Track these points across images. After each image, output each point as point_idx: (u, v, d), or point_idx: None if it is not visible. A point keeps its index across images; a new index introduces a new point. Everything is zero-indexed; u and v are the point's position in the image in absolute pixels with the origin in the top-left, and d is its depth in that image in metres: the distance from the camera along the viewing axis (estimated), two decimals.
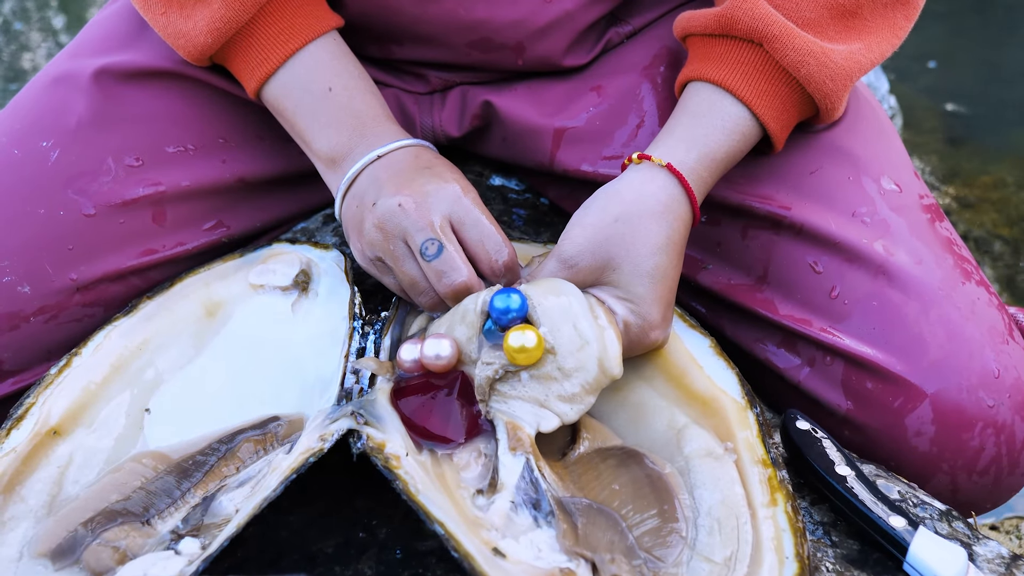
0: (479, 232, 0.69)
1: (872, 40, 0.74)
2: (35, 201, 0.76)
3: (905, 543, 0.62)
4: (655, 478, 0.64)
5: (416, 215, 0.68)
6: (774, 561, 0.58)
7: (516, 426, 0.63)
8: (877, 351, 0.72)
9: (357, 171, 0.73)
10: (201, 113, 0.81)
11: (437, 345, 0.66)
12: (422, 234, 0.68)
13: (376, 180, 0.71)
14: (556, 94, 0.85)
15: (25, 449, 0.65)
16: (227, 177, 0.81)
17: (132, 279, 0.78)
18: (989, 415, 0.71)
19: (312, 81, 0.75)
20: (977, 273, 0.76)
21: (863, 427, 0.73)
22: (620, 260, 0.67)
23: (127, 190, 0.77)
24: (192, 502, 0.64)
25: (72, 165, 0.77)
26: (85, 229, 0.76)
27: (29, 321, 0.75)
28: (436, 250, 0.67)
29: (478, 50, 0.82)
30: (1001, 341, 0.73)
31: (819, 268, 0.75)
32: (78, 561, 0.61)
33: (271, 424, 0.68)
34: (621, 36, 0.86)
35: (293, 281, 0.77)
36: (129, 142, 0.78)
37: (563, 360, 0.64)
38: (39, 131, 0.78)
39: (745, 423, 0.66)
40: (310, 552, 0.63)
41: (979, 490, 0.73)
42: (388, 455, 0.60)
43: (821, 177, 0.77)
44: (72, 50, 0.82)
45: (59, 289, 0.75)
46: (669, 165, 0.68)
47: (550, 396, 0.65)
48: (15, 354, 0.75)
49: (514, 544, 0.58)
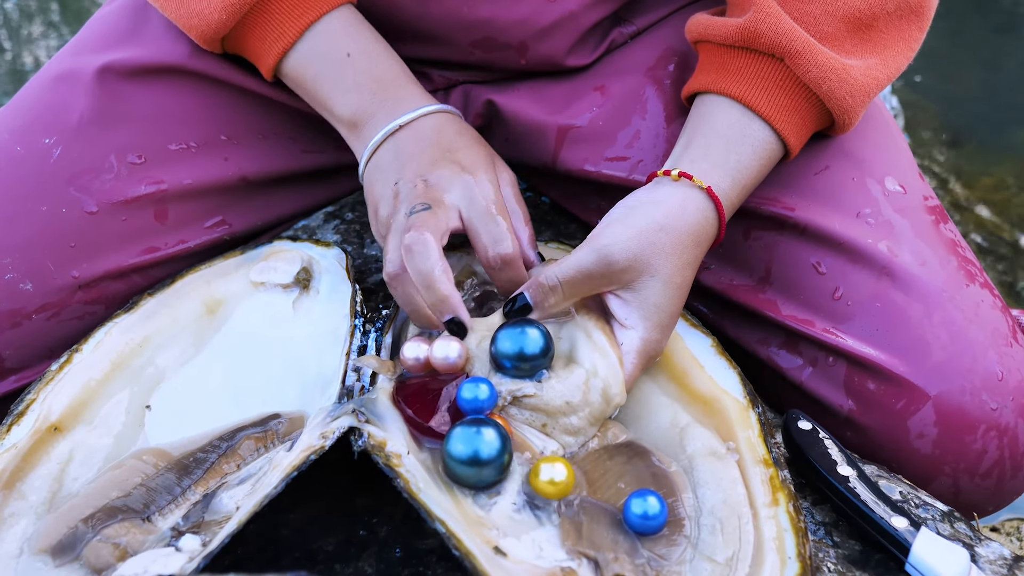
0: (484, 224, 0.69)
1: (888, 54, 0.74)
2: (37, 198, 0.76)
3: (907, 544, 0.62)
4: (660, 476, 0.63)
5: (425, 213, 0.68)
6: (776, 561, 0.58)
7: (524, 442, 0.64)
8: (880, 352, 0.72)
9: (380, 140, 0.73)
10: (203, 110, 0.80)
11: (446, 347, 0.66)
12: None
13: (397, 156, 0.72)
14: (559, 93, 0.85)
15: (26, 445, 0.65)
16: (229, 175, 0.81)
17: (134, 277, 0.78)
18: (992, 418, 0.70)
19: (331, 49, 0.74)
20: (981, 275, 0.76)
21: (865, 428, 0.73)
22: (657, 268, 0.66)
23: (129, 188, 0.77)
24: (193, 499, 0.64)
25: (74, 162, 0.77)
26: (87, 226, 0.76)
27: (31, 318, 0.75)
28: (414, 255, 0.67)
29: (481, 49, 0.82)
30: (1005, 344, 0.72)
31: (822, 269, 0.75)
32: (78, 557, 0.61)
33: (272, 422, 0.68)
34: (625, 36, 0.86)
35: (294, 279, 0.76)
36: (131, 139, 0.78)
37: (570, 396, 0.65)
38: (41, 128, 0.77)
39: (747, 423, 0.66)
40: (311, 550, 0.63)
41: (981, 493, 0.73)
42: (389, 453, 0.59)
43: (826, 178, 0.77)
44: (74, 47, 0.82)
45: (61, 286, 0.75)
46: (709, 189, 0.69)
47: (556, 428, 0.65)
48: (17, 351, 0.75)
49: (515, 543, 0.58)
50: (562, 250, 0.79)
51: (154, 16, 0.81)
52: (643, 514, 0.60)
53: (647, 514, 0.60)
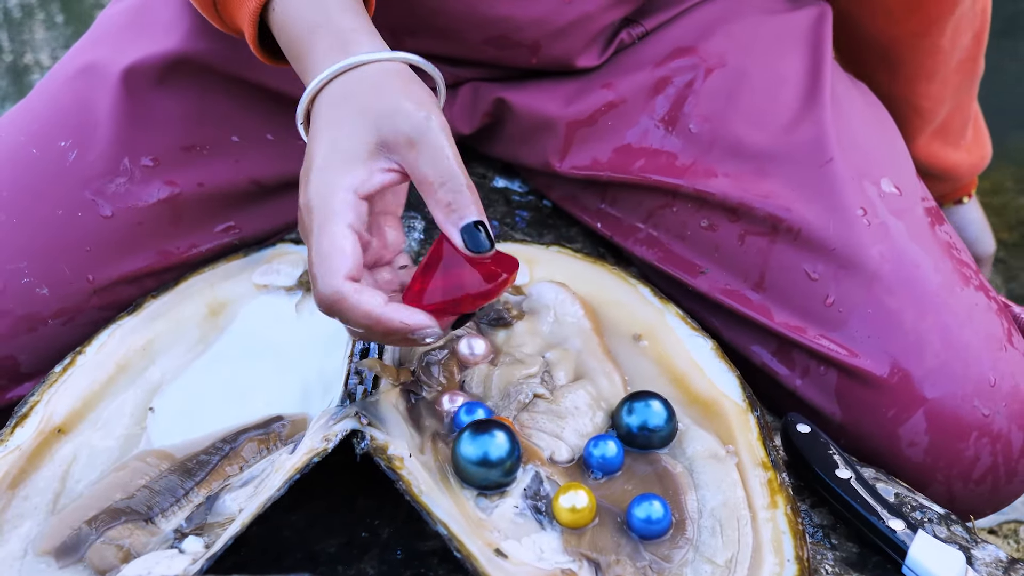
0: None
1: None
2: (54, 202, 0.75)
3: (904, 546, 0.62)
4: (665, 476, 0.64)
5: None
6: (774, 563, 0.59)
7: (532, 449, 0.64)
8: (871, 360, 0.72)
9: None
10: (214, 113, 0.80)
11: (472, 344, 0.69)
12: None
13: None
14: (568, 91, 0.85)
15: (30, 447, 0.66)
16: (240, 178, 0.81)
17: (147, 281, 0.78)
18: (984, 424, 0.70)
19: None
20: (976, 278, 0.76)
21: (858, 437, 0.73)
22: None
23: (144, 191, 0.77)
24: (196, 501, 0.64)
25: (90, 166, 0.76)
26: (103, 231, 0.76)
27: (47, 323, 0.75)
28: None
29: (493, 47, 0.81)
30: (998, 348, 0.72)
31: (815, 275, 0.75)
32: (82, 559, 0.61)
33: (275, 424, 0.68)
34: (633, 37, 0.86)
35: (297, 281, 0.77)
36: (144, 142, 0.78)
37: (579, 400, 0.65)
38: (57, 131, 0.77)
39: (746, 426, 0.66)
40: (313, 552, 0.63)
41: (976, 498, 0.73)
42: (391, 456, 0.60)
43: (822, 179, 0.77)
44: (83, 48, 0.82)
45: (77, 291, 0.75)
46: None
47: (565, 430, 0.65)
48: (31, 356, 0.75)
49: (516, 545, 0.58)
50: (563, 253, 0.79)
51: (162, 14, 0.80)
52: (647, 518, 0.60)
53: (651, 518, 0.60)
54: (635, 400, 0.66)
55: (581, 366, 0.71)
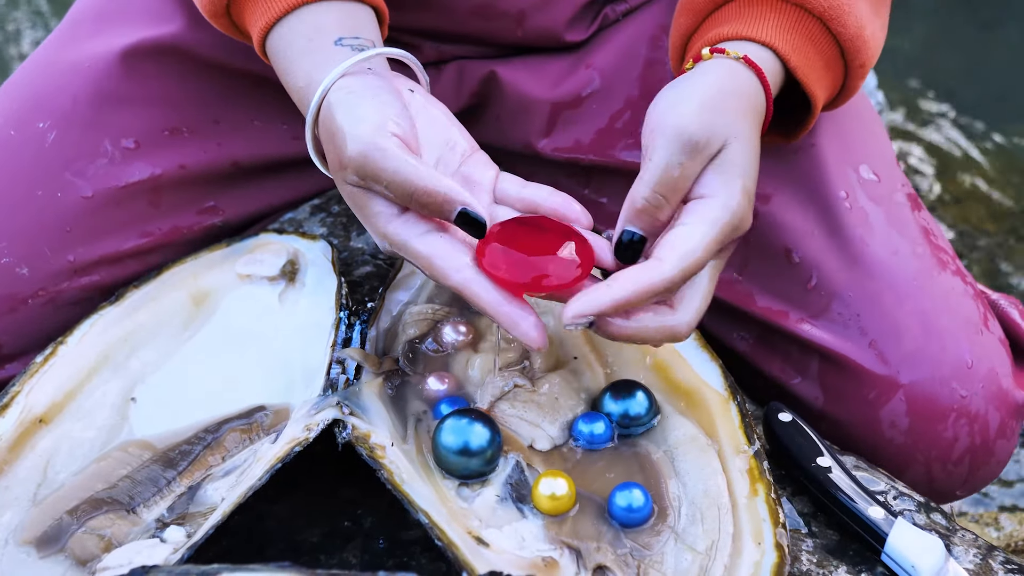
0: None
1: (884, 19, 0.70)
2: (33, 183, 0.75)
3: (883, 534, 0.63)
4: (646, 464, 0.64)
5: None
6: (754, 550, 0.59)
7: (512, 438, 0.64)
8: (852, 344, 0.73)
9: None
10: (195, 95, 0.80)
11: (455, 328, 0.70)
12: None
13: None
14: (552, 70, 0.84)
15: (11, 438, 0.66)
16: (221, 160, 0.81)
17: (129, 262, 0.78)
18: (962, 405, 0.71)
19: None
20: (954, 263, 0.77)
21: (839, 421, 0.74)
22: (736, 130, 0.60)
23: (124, 172, 0.77)
24: (178, 491, 0.64)
25: (70, 147, 0.76)
26: (83, 211, 0.76)
27: (27, 303, 0.75)
28: None
29: (479, 17, 0.81)
30: (975, 331, 0.73)
31: (796, 258, 0.76)
32: (63, 549, 0.61)
33: (257, 414, 0.68)
34: (617, 14, 0.85)
35: (280, 271, 0.77)
36: (125, 124, 0.78)
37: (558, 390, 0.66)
38: (35, 113, 0.77)
39: (727, 414, 0.66)
40: (295, 541, 0.63)
41: (954, 479, 0.74)
42: (373, 445, 0.60)
43: (800, 165, 0.77)
44: (63, 31, 0.82)
45: (57, 271, 0.75)
46: (746, 57, 0.63)
47: (546, 419, 0.65)
48: (14, 337, 0.75)
49: (497, 533, 0.59)
50: None
51: None
52: (627, 507, 0.60)
53: (631, 507, 0.60)
54: (617, 389, 0.66)
55: (563, 354, 0.71)
